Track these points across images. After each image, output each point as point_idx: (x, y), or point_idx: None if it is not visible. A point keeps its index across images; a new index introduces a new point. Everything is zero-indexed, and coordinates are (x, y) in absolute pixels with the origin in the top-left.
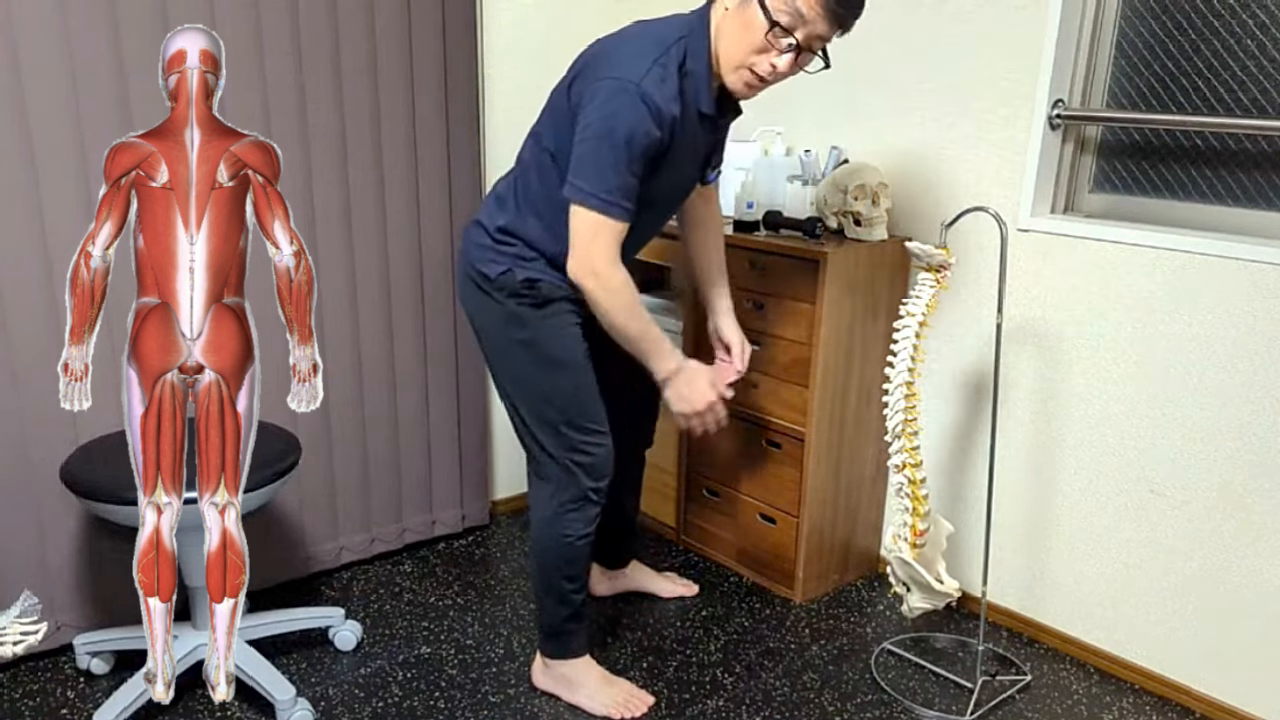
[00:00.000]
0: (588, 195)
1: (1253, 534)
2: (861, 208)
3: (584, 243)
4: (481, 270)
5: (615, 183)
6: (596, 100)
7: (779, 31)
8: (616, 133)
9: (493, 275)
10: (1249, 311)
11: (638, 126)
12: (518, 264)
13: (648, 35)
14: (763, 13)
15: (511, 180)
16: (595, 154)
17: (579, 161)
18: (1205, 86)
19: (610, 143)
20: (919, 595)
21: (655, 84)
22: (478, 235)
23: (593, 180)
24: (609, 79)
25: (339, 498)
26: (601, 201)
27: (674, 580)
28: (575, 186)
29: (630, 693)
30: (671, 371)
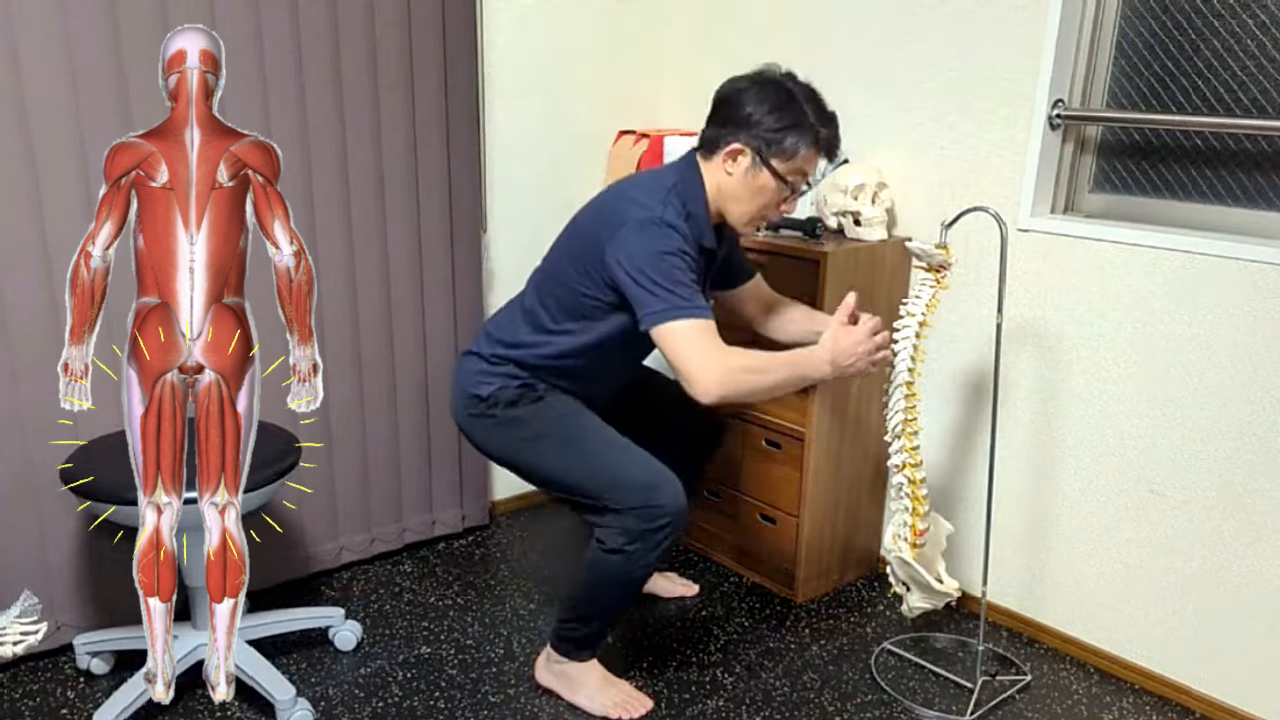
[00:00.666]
0: (664, 313)
1: (1253, 534)
2: (861, 208)
3: (687, 358)
4: (474, 394)
5: (683, 291)
6: (632, 241)
7: (789, 187)
8: (661, 255)
9: (485, 395)
10: (1249, 311)
11: (675, 245)
12: (509, 380)
13: (649, 181)
14: (777, 179)
15: (508, 320)
16: (652, 281)
17: (640, 297)
18: (1205, 86)
19: (660, 266)
20: (919, 595)
21: (675, 217)
22: (471, 364)
23: (663, 299)
24: (636, 222)
25: (339, 498)
26: (681, 310)
27: (674, 580)
28: (650, 314)
29: (629, 694)
30: (826, 368)
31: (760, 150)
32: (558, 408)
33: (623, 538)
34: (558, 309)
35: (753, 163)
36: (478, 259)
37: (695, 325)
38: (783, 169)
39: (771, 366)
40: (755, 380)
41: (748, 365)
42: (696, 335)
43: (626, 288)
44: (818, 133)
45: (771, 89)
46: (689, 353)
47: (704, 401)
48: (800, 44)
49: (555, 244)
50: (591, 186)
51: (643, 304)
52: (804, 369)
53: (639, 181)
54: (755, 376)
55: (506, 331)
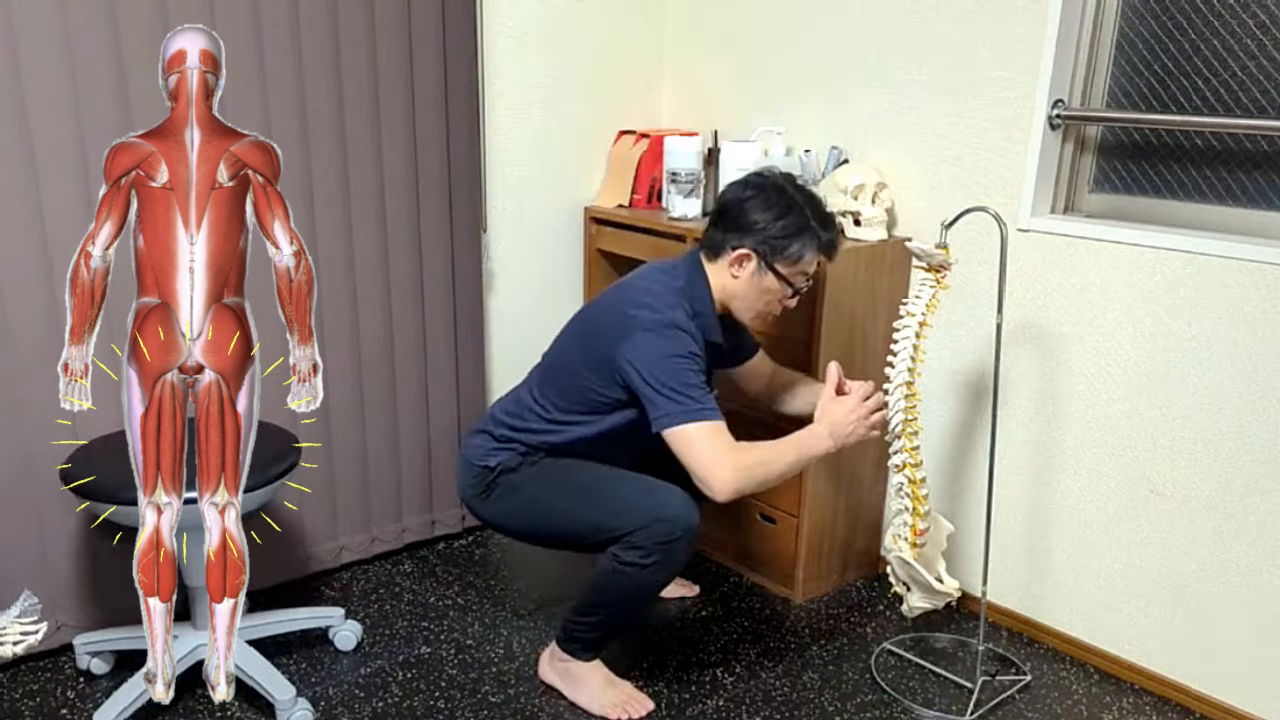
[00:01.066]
0: (676, 416)
1: (1253, 534)
2: (861, 208)
3: (701, 460)
4: (484, 465)
5: (694, 393)
6: (644, 345)
7: (792, 287)
8: (673, 358)
9: (494, 464)
10: (1249, 311)
11: (686, 348)
12: (516, 452)
13: (658, 284)
14: (781, 281)
15: (517, 404)
16: (664, 385)
17: (653, 399)
18: (1205, 86)
19: (672, 369)
20: (919, 595)
21: (685, 320)
22: (479, 440)
23: (675, 402)
24: (648, 325)
25: (339, 498)
26: (692, 413)
27: (674, 580)
28: (662, 417)
29: (630, 695)
30: (828, 442)
31: (765, 255)
32: (550, 468)
33: (638, 551)
34: (566, 402)
35: (758, 267)
36: (478, 259)
37: (706, 428)
38: (787, 272)
39: (777, 455)
40: (765, 471)
41: (757, 459)
42: (708, 438)
43: (639, 388)
44: (819, 237)
45: (775, 196)
46: (701, 455)
47: (719, 499)
48: (800, 44)
49: (561, 338)
50: (591, 186)
51: (656, 406)
52: (807, 449)
53: (648, 284)
54: (764, 468)
55: (515, 418)
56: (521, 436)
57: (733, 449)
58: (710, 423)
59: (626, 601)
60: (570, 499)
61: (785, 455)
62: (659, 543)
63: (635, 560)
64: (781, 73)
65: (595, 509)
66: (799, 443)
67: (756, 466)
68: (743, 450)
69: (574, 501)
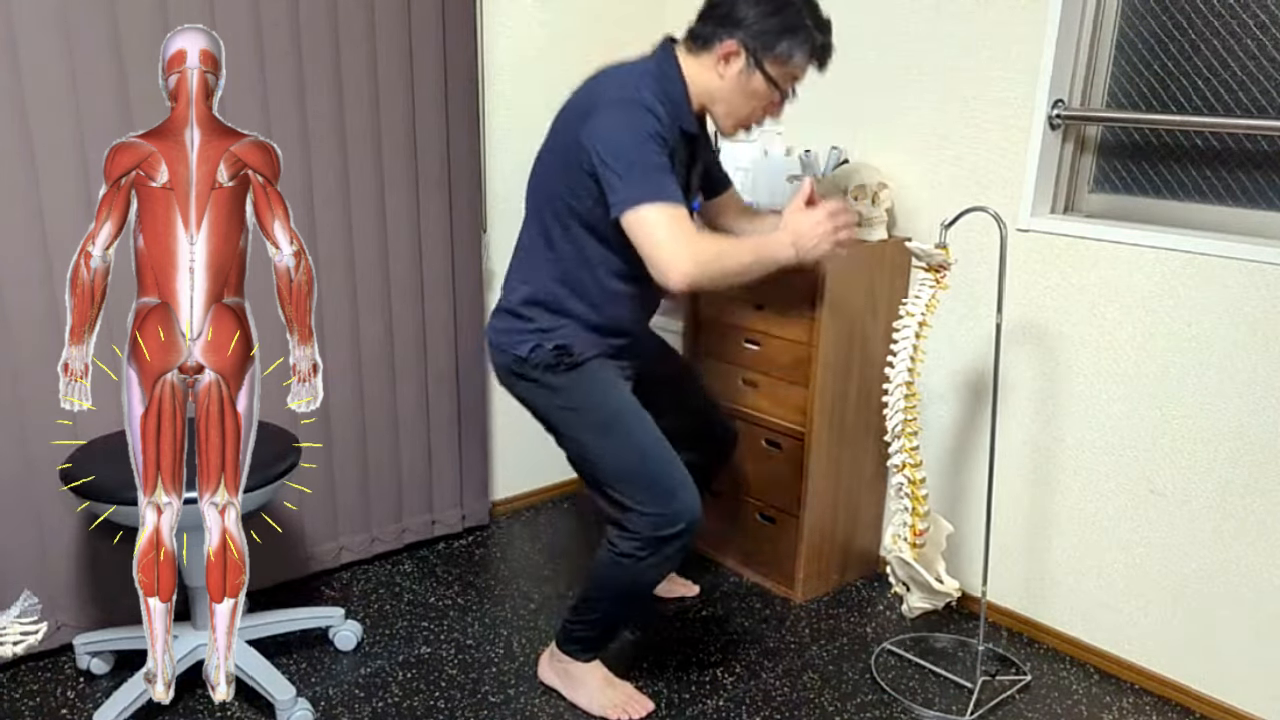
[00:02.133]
0: (637, 199)
1: (1253, 534)
2: (861, 208)
3: (658, 245)
4: (514, 354)
5: (654, 175)
6: (605, 121)
7: (779, 92)
8: (637, 136)
9: (525, 355)
10: (1249, 311)
11: (651, 127)
12: (544, 336)
13: (622, 71)
14: (769, 83)
15: (519, 259)
16: (626, 164)
17: (611, 181)
18: (1205, 86)
19: (635, 147)
20: (919, 595)
21: (652, 99)
22: (501, 321)
23: (629, 184)
24: (610, 102)
25: (339, 498)
26: (651, 192)
27: (674, 580)
28: (619, 201)
29: (630, 695)
30: (789, 250)
31: (755, 52)
32: (596, 381)
33: (635, 542)
34: (558, 227)
35: (746, 65)
36: (478, 259)
37: (667, 212)
38: (776, 73)
39: (736, 253)
40: (721, 266)
41: (716, 253)
42: (668, 222)
43: (599, 172)
44: (814, 38)
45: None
46: (659, 240)
47: (674, 288)
48: None
49: (536, 166)
50: None
51: (613, 189)
52: (768, 252)
53: (614, 72)
54: (721, 263)
55: (521, 273)
56: (539, 296)
57: (692, 237)
58: (670, 205)
59: (622, 595)
60: (607, 440)
61: (744, 254)
62: (657, 536)
63: (631, 551)
64: None
65: (626, 465)
66: (760, 244)
67: (714, 260)
68: (703, 240)
69: (609, 444)
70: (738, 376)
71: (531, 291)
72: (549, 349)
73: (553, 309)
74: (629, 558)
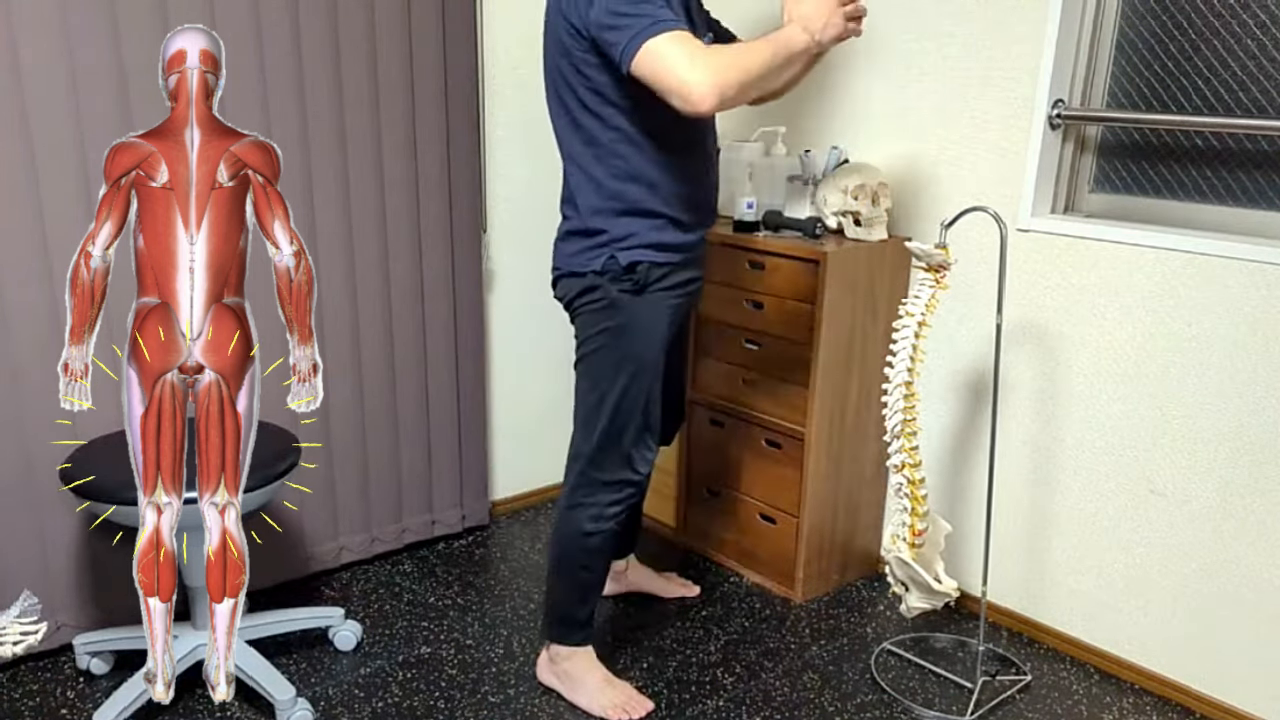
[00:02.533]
0: (633, 41)
1: (1253, 533)
2: (861, 208)
3: (673, 69)
4: (587, 270)
5: (648, 9)
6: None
7: None
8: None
9: (600, 269)
10: (1249, 311)
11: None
12: (617, 248)
13: None
14: None
15: (569, 174)
16: (619, 15)
17: (610, 36)
18: (1205, 86)
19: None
20: (917, 595)
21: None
22: (570, 245)
23: (628, 26)
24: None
25: (339, 498)
26: (650, 28)
27: (675, 581)
28: (624, 45)
29: (630, 695)
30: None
31: None
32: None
33: (580, 483)
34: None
35: None
36: (478, 259)
37: (671, 37)
38: None
39: (753, 50)
40: (745, 68)
41: (731, 60)
42: (675, 45)
43: (600, 31)
44: None
45: None
46: (674, 64)
47: (703, 108)
48: None
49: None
50: None
51: (613, 45)
52: (783, 44)
53: None
54: (743, 64)
55: (578, 188)
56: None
57: (704, 51)
58: (674, 29)
59: (569, 555)
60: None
61: (762, 51)
62: (602, 480)
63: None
64: None
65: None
66: (773, 39)
67: (734, 66)
68: (715, 52)
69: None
70: (738, 376)
71: (594, 201)
72: (622, 264)
73: (619, 210)
74: (570, 501)
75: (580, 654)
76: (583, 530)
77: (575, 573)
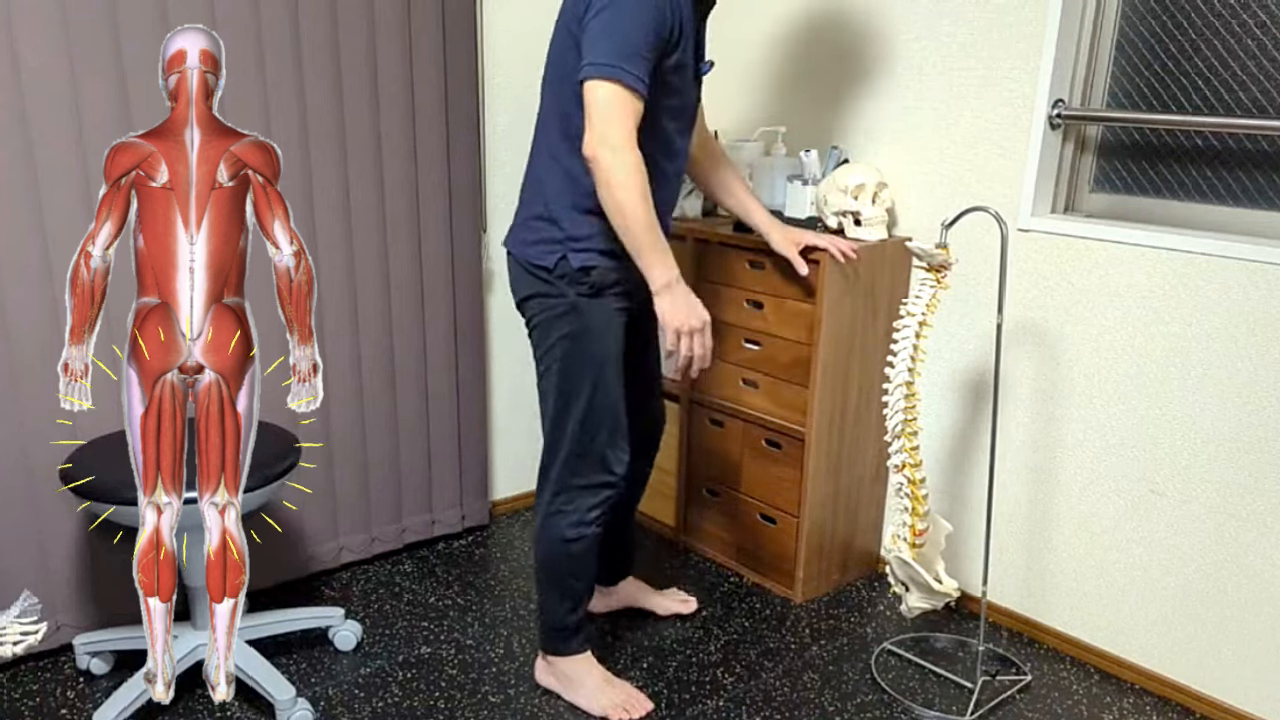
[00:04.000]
0: (602, 67)
1: (1253, 534)
2: (861, 208)
3: (600, 118)
4: (539, 264)
5: (629, 52)
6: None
7: None
8: (632, 5)
9: (551, 265)
10: (1249, 311)
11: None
12: (571, 250)
13: None
14: None
15: (540, 163)
16: (607, 27)
17: (591, 41)
18: (1205, 86)
19: (626, 14)
20: (918, 595)
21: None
22: (525, 232)
23: (607, 52)
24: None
25: (339, 498)
26: (618, 70)
27: (671, 597)
28: (589, 65)
29: (630, 695)
30: (671, 280)
31: None
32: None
33: (557, 489)
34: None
35: None
36: (478, 259)
37: (622, 95)
38: None
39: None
40: (625, 184)
41: (632, 170)
42: (619, 105)
43: (586, 31)
44: None
45: None
46: (604, 119)
47: (583, 152)
48: (800, 43)
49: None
50: None
51: (589, 49)
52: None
53: None
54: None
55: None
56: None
57: (631, 141)
58: (629, 93)
59: (554, 560)
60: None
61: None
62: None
63: (556, 505)
64: (782, 73)
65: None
66: (659, 242)
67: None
68: (636, 158)
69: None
70: (738, 376)
71: (562, 193)
72: (574, 266)
73: (585, 209)
74: (549, 509)
75: (578, 658)
76: (564, 537)
77: (563, 580)
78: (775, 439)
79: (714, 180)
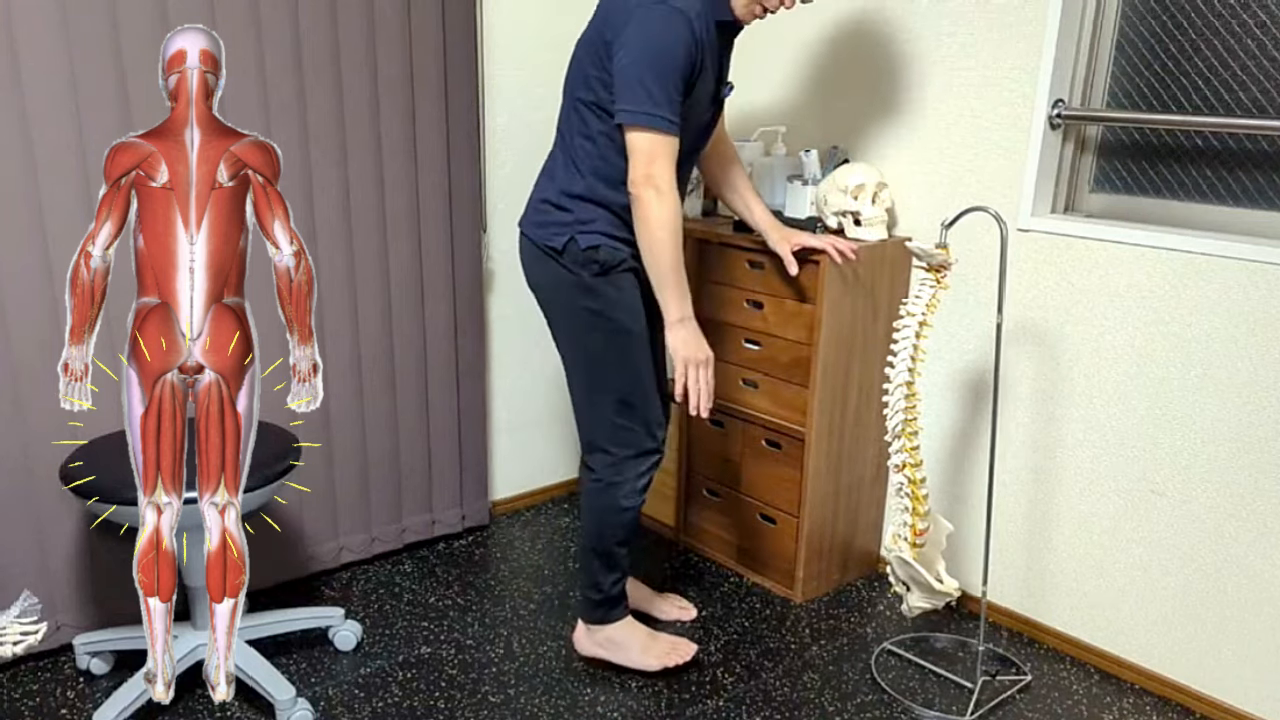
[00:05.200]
0: (640, 115)
1: (1254, 534)
2: (861, 208)
3: (645, 162)
4: (549, 245)
5: (663, 98)
6: (634, 22)
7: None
8: (660, 49)
9: (560, 246)
10: (1249, 311)
11: (679, 42)
12: (579, 232)
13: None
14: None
15: (557, 151)
16: (640, 74)
17: (625, 85)
18: (1205, 86)
19: (655, 59)
20: (918, 595)
21: (687, 1)
22: (537, 215)
23: (642, 100)
24: (646, 4)
25: (339, 498)
26: (656, 119)
27: (673, 602)
28: (626, 111)
29: (674, 642)
30: (685, 316)
31: None
32: (629, 292)
33: (608, 458)
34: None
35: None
36: (478, 259)
37: (662, 140)
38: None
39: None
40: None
41: (673, 210)
42: (662, 150)
43: (618, 71)
44: None
45: None
46: (649, 162)
47: (629, 188)
48: (800, 43)
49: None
50: None
51: (623, 93)
52: (676, 290)
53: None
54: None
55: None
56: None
57: (674, 183)
58: (667, 138)
59: (607, 527)
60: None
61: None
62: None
63: (606, 477)
64: (783, 73)
65: (619, 372)
66: (681, 281)
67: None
68: (677, 199)
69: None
70: (738, 376)
71: (563, 187)
72: (582, 246)
73: (590, 198)
74: (601, 482)
75: (622, 623)
76: (620, 507)
77: (612, 552)
78: (775, 439)
79: (721, 177)
